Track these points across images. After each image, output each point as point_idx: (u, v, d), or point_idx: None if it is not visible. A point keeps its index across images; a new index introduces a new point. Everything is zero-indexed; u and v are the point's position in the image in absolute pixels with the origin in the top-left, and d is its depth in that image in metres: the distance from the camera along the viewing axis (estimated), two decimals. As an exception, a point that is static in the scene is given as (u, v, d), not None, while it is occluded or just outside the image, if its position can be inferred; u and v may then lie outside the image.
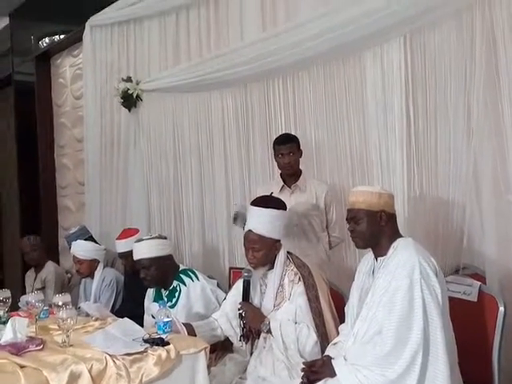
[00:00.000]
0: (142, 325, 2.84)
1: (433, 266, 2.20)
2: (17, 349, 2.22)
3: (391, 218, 2.35)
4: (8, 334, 2.35)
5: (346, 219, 2.42)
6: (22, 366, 2.06)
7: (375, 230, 2.32)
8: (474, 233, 2.88)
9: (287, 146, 3.36)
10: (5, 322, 2.49)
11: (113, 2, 4.95)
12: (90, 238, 4.36)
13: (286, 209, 2.79)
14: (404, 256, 2.23)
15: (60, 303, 2.43)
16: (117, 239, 3.86)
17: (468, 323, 2.40)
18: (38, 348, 2.28)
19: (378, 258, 2.35)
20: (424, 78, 3.11)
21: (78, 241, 4.11)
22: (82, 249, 4.02)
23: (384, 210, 2.32)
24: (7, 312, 2.73)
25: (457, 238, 2.92)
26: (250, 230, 2.70)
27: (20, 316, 2.69)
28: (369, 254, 2.45)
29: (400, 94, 3.17)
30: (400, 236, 2.36)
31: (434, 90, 3.07)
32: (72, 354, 2.18)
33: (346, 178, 3.52)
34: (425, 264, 2.17)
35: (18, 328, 2.36)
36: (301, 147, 3.41)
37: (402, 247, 2.28)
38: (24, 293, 4.43)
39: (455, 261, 2.90)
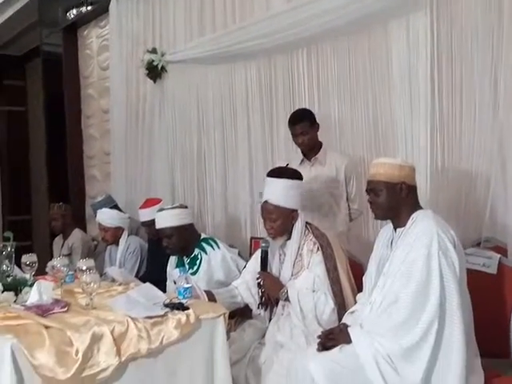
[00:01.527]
0: (164, 290, 2.91)
1: (451, 237, 2.20)
2: (42, 310, 2.27)
3: (411, 190, 2.35)
4: (34, 296, 2.42)
5: (366, 190, 2.43)
6: (46, 327, 2.11)
7: (394, 201, 2.32)
8: (497, 205, 2.84)
9: (299, 126, 3.32)
10: (31, 285, 2.56)
11: (139, -27, 4.95)
12: (115, 207, 4.40)
13: (301, 179, 2.80)
14: (422, 227, 2.23)
15: (84, 268, 2.50)
16: (140, 208, 3.92)
17: (487, 295, 2.41)
18: (63, 310, 2.33)
19: (397, 229, 2.36)
20: (450, 48, 3.04)
21: (104, 209, 4.16)
22: (107, 217, 4.08)
23: (404, 182, 2.32)
24: (33, 276, 2.81)
25: (480, 211, 2.88)
26: (266, 201, 2.73)
27: (46, 280, 2.77)
28: (388, 225, 2.45)
29: (426, 65, 3.10)
30: (420, 208, 2.36)
31: (460, 61, 3.00)
32: (95, 316, 2.23)
33: (369, 151, 3.47)
34: (443, 235, 2.17)
35: (43, 290, 2.43)
36: (317, 120, 3.36)
37: (421, 219, 2.28)
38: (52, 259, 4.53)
39: (477, 233, 2.86)
